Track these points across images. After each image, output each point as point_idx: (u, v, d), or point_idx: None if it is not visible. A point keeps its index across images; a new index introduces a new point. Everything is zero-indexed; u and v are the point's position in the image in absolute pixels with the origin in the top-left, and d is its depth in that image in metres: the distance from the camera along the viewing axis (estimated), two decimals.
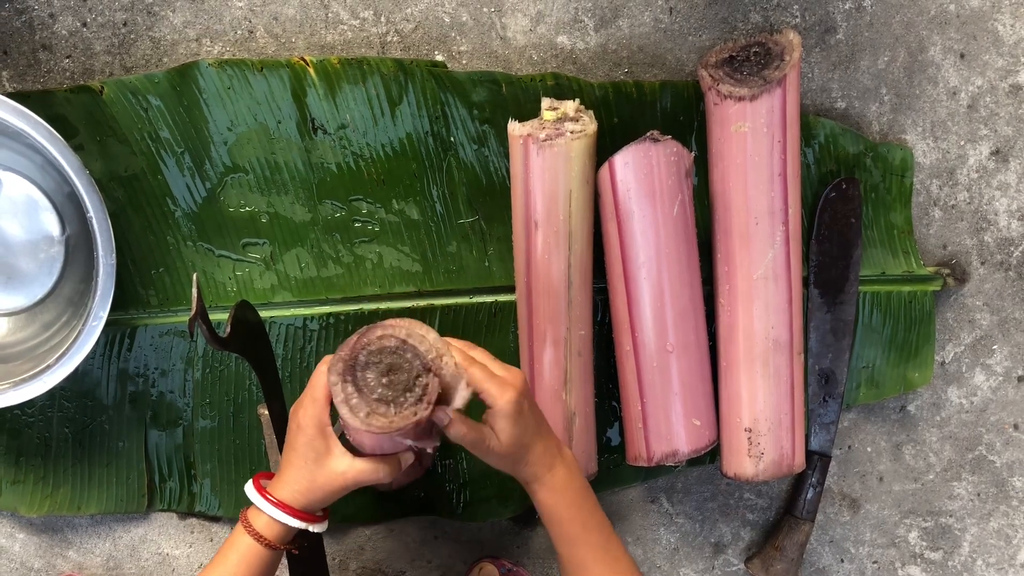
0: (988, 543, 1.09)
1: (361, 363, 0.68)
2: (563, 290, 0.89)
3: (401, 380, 0.68)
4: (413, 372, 0.68)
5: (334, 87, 0.92)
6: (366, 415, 0.67)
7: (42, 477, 0.97)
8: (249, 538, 0.74)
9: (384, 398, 0.68)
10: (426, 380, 0.68)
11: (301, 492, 0.74)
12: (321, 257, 0.96)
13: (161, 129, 0.92)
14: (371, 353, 0.69)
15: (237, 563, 0.74)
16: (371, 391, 0.68)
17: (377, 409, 0.67)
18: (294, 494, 0.74)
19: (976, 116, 1.01)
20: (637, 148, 0.87)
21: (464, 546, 1.04)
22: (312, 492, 0.74)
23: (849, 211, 0.99)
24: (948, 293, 1.04)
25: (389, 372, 0.68)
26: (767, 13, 0.98)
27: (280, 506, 0.74)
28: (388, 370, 0.68)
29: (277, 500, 0.74)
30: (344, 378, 0.68)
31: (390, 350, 0.69)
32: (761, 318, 0.91)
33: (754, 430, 0.92)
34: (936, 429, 1.07)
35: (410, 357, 0.69)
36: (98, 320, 0.85)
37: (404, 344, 0.69)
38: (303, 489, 0.74)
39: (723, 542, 1.08)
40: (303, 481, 0.73)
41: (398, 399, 0.68)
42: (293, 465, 0.74)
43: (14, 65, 0.93)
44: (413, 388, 0.68)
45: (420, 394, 0.68)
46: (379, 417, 0.67)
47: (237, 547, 0.75)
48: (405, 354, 0.69)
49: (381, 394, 0.68)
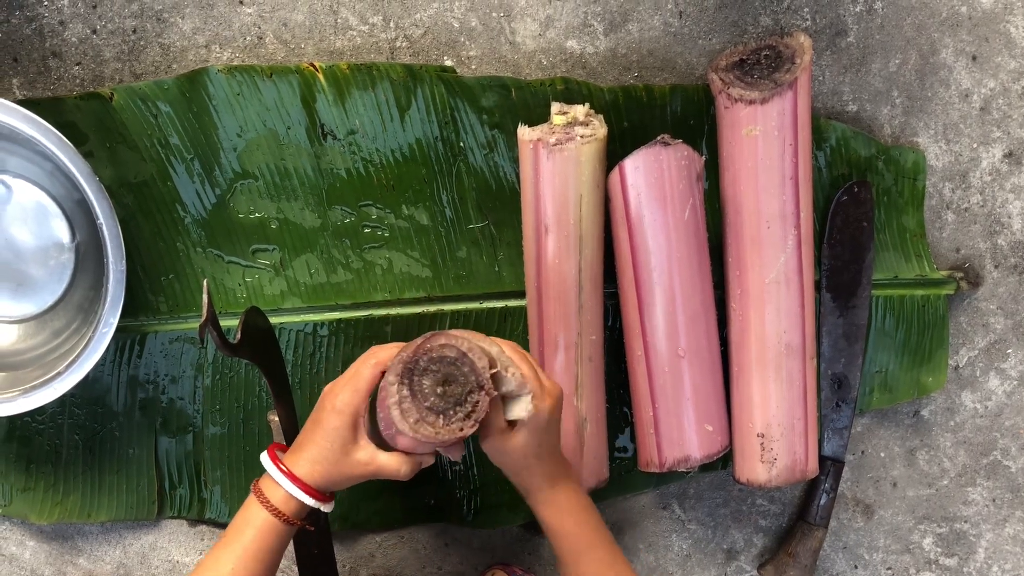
0: (1004, 549, 1.08)
1: (420, 368, 0.69)
2: (574, 295, 0.89)
3: (455, 393, 0.69)
4: (467, 387, 0.69)
5: (343, 93, 0.92)
6: (415, 421, 0.68)
7: (52, 484, 0.97)
8: (265, 512, 0.73)
9: (435, 407, 0.68)
10: (477, 398, 0.68)
11: (320, 473, 0.73)
12: (331, 263, 0.96)
13: (171, 135, 0.92)
14: (431, 360, 0.69)
15: (253, 538, 0.73)
16: (424, 398, 0.68)
17: (427, 417, 0.68)
18: (313, 473, 0.73)
19: (989, 119, 1.01)
20: (647, 152, 0.87)
21: (475, 553, 1.04)
22: (331, 475, 0.73)
23: (861, 215, 0.98)
24: (961, 297, 1.03)
25: (445, 382, 0.69)
26: (777, 16, 0.97)
27: (298, 482, 0.73)
28: (444, 380, 0.69)
29: (294, 475, 0.73)
30: (401, 380, 0.68)
31: (449, 360, 0.69)
32: (773, 322, 0.90)
33: (767, 435, 0.91)
34: (950, 434, 1.06)
35: (467, 371, 0.69)
36: (108, 327, 0.85)
37: (464, 357, 0.69)
38: (323, 471, 0.73)
39: (736, 548, 1.07)
40: (324, 463, 0.73)
41: (448, 411, 0.68)
42: (316, 444, 0.73)
43: (24, 72, 0.94)
44: (464, 403, 0.69)
45: (469, 410, 0.68)
46: (427, 426, 0.68)
47: (252, 521, 0.73)
48: (463, 367, 0.69)
49: (433, 403, 0.68)
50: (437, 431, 0.68)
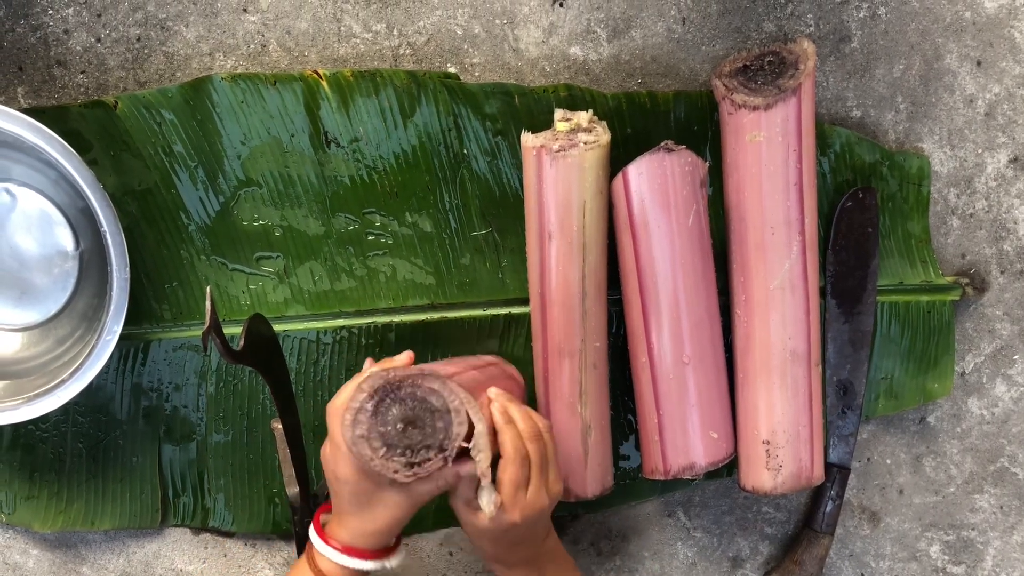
0: (1012, 557, 1.08)
1: (397, 395, 0.65)
2: (578, 302, 0.89)
3: (412, 438, 0.65)
4: (427, 441, 0.65)
5: (347, 100, 0.92)
6: (359, 435, 0.64)
7: (56, 492, 0.97)
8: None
9: (386, 437, 0.65)
10: (430, 456, 0.65)
11: (366, 534, 0.71)
12: (334, 270, 0.96)
13: (175, 143, 0.92)
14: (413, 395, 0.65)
15: None
16: (383, 423, 0.65)
17: (372, 439, 0.65)
18: (358, 537, 0.71)
19: (994, 124, 1.00)
20: (651, 158, 0.86)
21: (480, 561, 1.03)
22: (378, 531, 0.71)
23: (866, 221, 0.98)
24: (967, 303, 1.03)
25: (410, 423, 0.65)
26: (781, 22, 0.97)
27: (348, 550, 0.71)
28: (410, 421, 0.65)
29: (345, 546, 0.71)
30: (372, 394, 0.65)
31: (429, 406, 0.65)
32: (778, 329, 0.90)
33: (772, 442, 0.91)
34: (957, 441, 1.06)
35: (439, 427, 0.65)
36: (112, 335, 0.85)
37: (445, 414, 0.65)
38: (367, 531, 0.70)
39: (741, 556, 1.07)
40: (365, 522, 0.70)
41: (395, 447, 0.65)
42: (349, 513, 0.71)
43: (29, 81, 0.94)
44: (415, 451, 0.65)
45: (415, 461, 0.65)
46: (366, 446, 0.64)
47: None
48: (436, 421, 0.65)
49: (386, 432, 0.65)
50: (372, 458, 0.64)
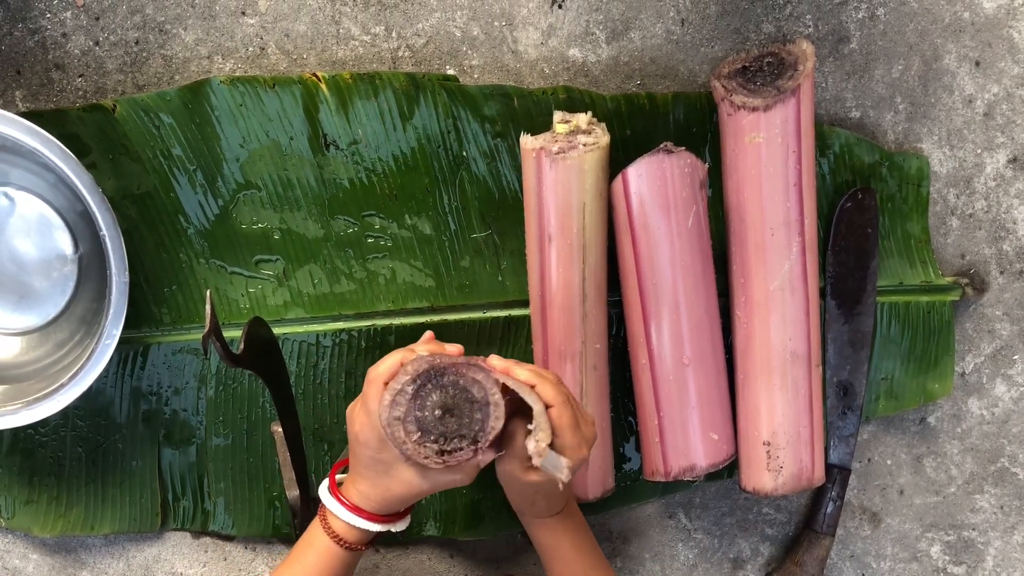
0: (1012, 557, 1.08)
1: (440, 381, 0.65)
2: (578, 304, 0.89)
3: (449, 426, 0.65)
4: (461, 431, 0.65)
5: (346, 102, 0.92)
6: (395, 417, 0.64)
7: (55, 497, 0.97)
8: (327, 539, 0.72)
9: (421, 422, 0.65)
10: (462, 446, 0.65)
11: (376, 500, 0.72)
12: (334, 273, 0.96)
13: (173, 147, 0.92)
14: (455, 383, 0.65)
15: (315, 562, 0.73)
16: (420, 407, 0.65)
17: (408, 423, 0.65)
18: (369, 501, 0.72)
19: (993, 124, 1.00)
20: (650, 160, 0.86)
21: (480, 564, 1.03)
22: (388, 500, 0.72)
23: (865, 221, 0.98)
24: (967, 303, 1.03)
25: (448, 411, 0.65)
26: (780, 23, 0.97)
27: (357, 511, 0.72)
28: (449, 409, 0.65)
29: (353, 505, 0.72)
30: (415, 378, 0.65)
31: (470, 397, 0.65)
32: (778, 330, 0.90)
33: (773, 443, 0.91)
34: (957, 441, 1.06)
35: (477, 418, 0.65)
36: (111, 338, 0.85)
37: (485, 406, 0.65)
38: (378, 497, 0.72)
39: (742, 558, 1.07)
40: (378, 489, 0.71)
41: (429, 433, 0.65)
42: (363, 476, 0.72)
43: (27, 84, 0.94)
44: (448, 439, 0.65)
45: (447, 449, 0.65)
46: (400, 429, 0.65)
47: (315, 546, 0.73)
48: (475, 413, 0.65)
49: (422, 417, 0.65)
50: (404, 442, 0.65)
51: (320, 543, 0.73)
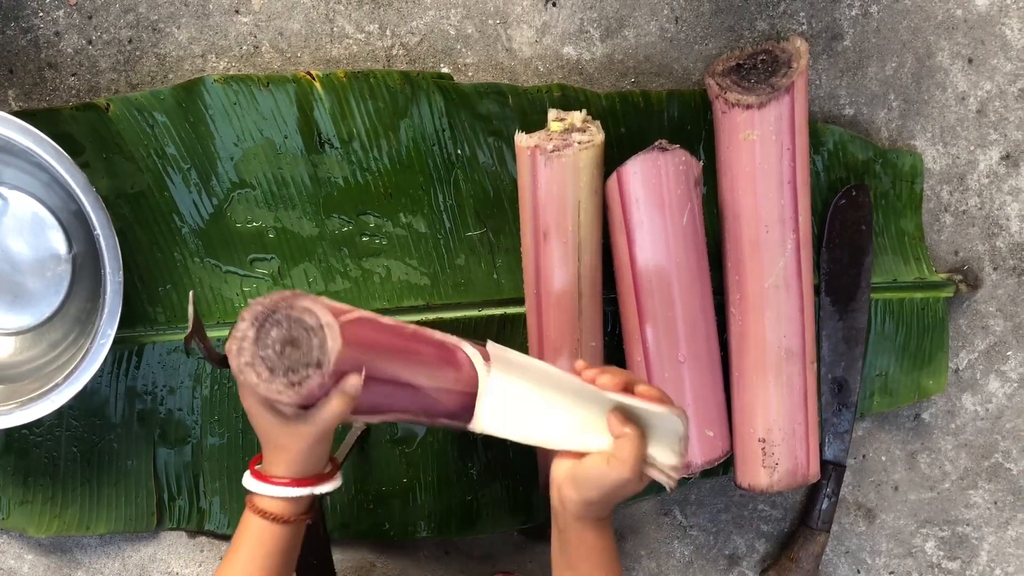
0: (1006, 552, 1.08)
1: (273, 319, 0.67)
2: (573, 301, 0.89)
3: (295, 356, 0.66)
4: (305, 358, 0.66)
5: (340, 101, 0.92)
6: (244, 363, 0.66)
7: (50, 497, 0.96)
8: (259, 519, 0.72)
9: (268, 360, 0.66)
10: (308, 373, 0.66)
11: (288, 462, 0.72)
12: (329, 272, 0.95)
13: (167, 145, 0.92)
14: (288, 317, 0.67)
15: (254, 545, 0.72)
16: (263, 347, 0.66)
17: (256, 365, 0.66)
18: (285, 466, 0.72)
19: (986, 121, 1.01)
20: (645, 158, 0.86)
21: (476, 562, 1.03)
22: (298, 457, 0.71)
23: (859, 218, 0.98)
24: (961, 299, 1.03)
25: (289, 342, 0.66)
26: (773, 21, 0.97)
27: (278, 481, 0.72)
28: (290, 340, 0.66)
29: (272, 476, 0.72)
30: (252, 322, 0.66)
31: (305, 325, 0.66)
32: (773, 327, 0.90)
33: (768, 440, 0.91)
34: (951, 437, 1.06)
35: (316, 342, 0.66)
36: (106, 338, 0.84)
37: (319, 330, 0.66)
38: (288, 459, 0.71)
39: (738, 554, 1.07)
40: (283, 452, 0.71)
41: (276, 371, 0.66)
42: (267, 449, 0.72)
43: (20, 84, 0.93)
44: (298, 370, 0.66)
45: (296, 380, 0.66)
46: (252, 373, 0.66)
47: (250, 530, 0.73)
48: (311, 338, 0.66)
49: (267, 356, 0.66)
50: (257, 384, 0.66)
51: (253, 526, 0.72)
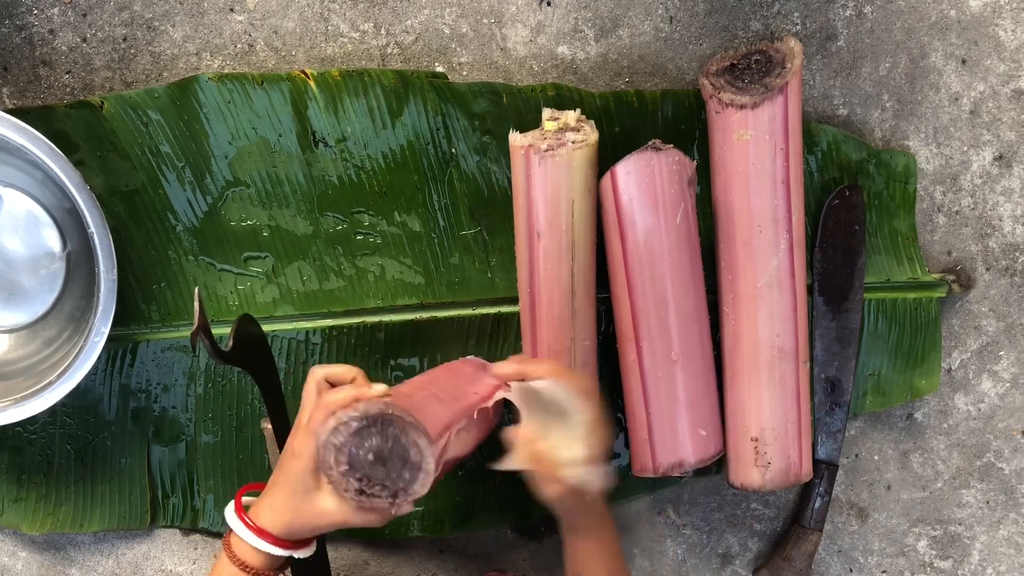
0: (998, 551, 1.08)
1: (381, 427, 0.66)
2: (567, 301, 0.89)
3: (378, 473, 0.66)
4: (387, 481, 0.66)
5: (335, 99, 0.92)
6: (332, 443, 0.65)
7: (44, 495, 0.96)
8: (233, 567, 0.70)
9: (353, 459, 0.65)
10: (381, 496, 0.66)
11: (284, 522, 0.69)
12: (323, 270, 0.96)
13: (162, 144, 0.92)
14: (396, 436, 0.66)
15: None
16: (358, 446, 0.65)
17: (340, 455, 0.65)
18: (276, 522, 0.70)
19: (979, 121, 1.01)
20: (639, 157, 0.87)
21: (470, 559, 1.03)
22: (294, 524, 0.69)
23: (853, 218, 0.98)
24: (954, 299, 1.04)
25: (381, 459, 0.66)
26: (767, 21, 0.97)
27: (260, 533, 0.69)
28: (383, 457, 0.66)
29: (257, 527, 0.70)
30: (362, 418, 0.65)
31: (404, 455, 0.66)
32: (766, 326, 0.90)
33: (760, 439, 0.91)
34: (944, 437, 1.06)
35: (406, 477, 0.66)
36: (100, 336, 0.84)
37: (415, 468, 0.66)
38: (286, 520, 0.69)
39: (731, 553, 1.07)
40: (287, 511, 0.69)
41: (357, 472, 0.66)
42: (280, 491, 0.70)
43: (14, 81, 0.93)
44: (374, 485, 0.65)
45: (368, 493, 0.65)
46: (331, 456, 0.65)
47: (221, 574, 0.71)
48: (404, 471, 0.66)
49: (355, 454, 0.65)
50: (331, 468, 0.65)
51: (226, 573, 0.70)
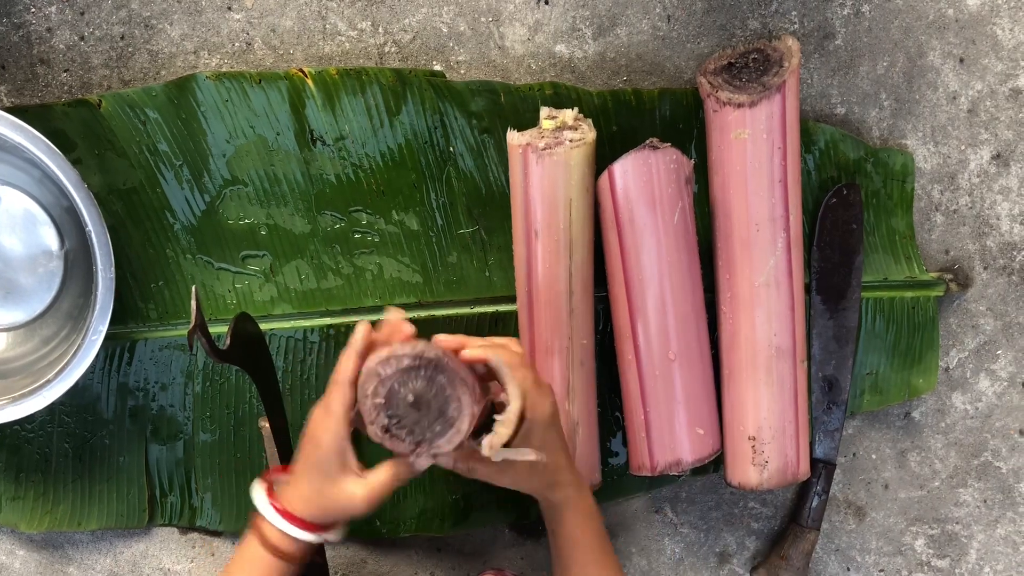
0: (995, 550, 1.09)
1: (429, 374, 0.65)
2: (564, 299, 0.89)
3: (410, 416, 0.65)
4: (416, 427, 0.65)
5: (333, 98, 0.92)
6: (377, 374, 0.65)
7: (42, 493, 0.96)
8: (263, 550, 0.70)
9: (391, 396, 0.65)
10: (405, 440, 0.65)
11: (314, 507, 0.70)
12: (321, 269, 0.96)
13: (159, 142, 0.92)
14: (442, 385, 0.65)
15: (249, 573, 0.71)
16: (401, 383, 0.64)
17: (380, 388, 0.65)
18: (306, 508, 0.70)
19: (976, 120, 1.01)
20: (636, 156, 0.87)
21: (467, 558, 1.04)
22: (325, 510, 0.70)
23: (850, 217, 0.98)
24: (951, 298, 1.04)
25: (418, 403, 0.65)
26: (765, 19, 0.97)
27: (291, 519, 0.70)
28: (420, 402, 0.65)
29: (288, 511, 0.70)
30: (415, 358, 0.64)
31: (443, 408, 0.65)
32: (763, 325, 0.90)
33: (758, 438, 0.91)
34: (941, 436, 1.06)
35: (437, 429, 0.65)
36: (97, 334, 0.84)
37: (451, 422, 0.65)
38: (316, 505, 0.70)
39: (728, 552, 1.07)
40: (316, 498, 0.70)
41: (389, 407, 0.65)
42: (306, 479, 0.70)
43: (12, 79, 0.93)
44: (402, 427, 0.65)
45: (392, 433, 0.65)
46: (372, 385, 0.65)
47: (251, 558, 0.71)
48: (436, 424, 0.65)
49: (394, 391, 0.65)
50: (366, 396, 0.65)
51: (255, 555, 0.70)
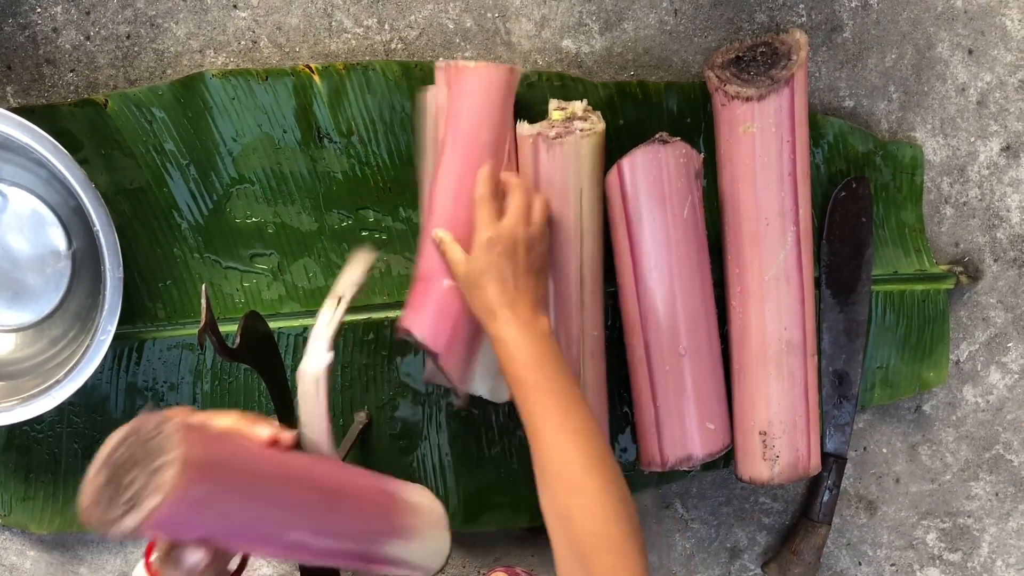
0: (1007, 543, 1.08)
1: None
2: (575, 290, 0.89)
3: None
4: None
5: (339, 94, 0.91)
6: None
7: (52, 494, 0.96)
8: None
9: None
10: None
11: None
12: (329, 267, 0.95)
13: (166, 141, 0.92)
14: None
15: None
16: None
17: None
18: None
19: (986, 112, 1.00)
20: (646, 150, 0.86)
21: (477, 555, 1.03)
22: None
23: (860, 210, 0.98)
24: (961, 291, 1.03)
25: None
26: (773, 13, 0.97)
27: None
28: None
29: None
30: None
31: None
32: (773, 319, 0.90)
33: (769, 433, 0.91)
34: (952, 429, 1.06)
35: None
36: (106, 334, 0.84)
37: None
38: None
39: (739, 547, 1.07)
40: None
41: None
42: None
43: (18, 80, 0.93)
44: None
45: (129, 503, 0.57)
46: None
47: None
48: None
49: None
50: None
51: None
